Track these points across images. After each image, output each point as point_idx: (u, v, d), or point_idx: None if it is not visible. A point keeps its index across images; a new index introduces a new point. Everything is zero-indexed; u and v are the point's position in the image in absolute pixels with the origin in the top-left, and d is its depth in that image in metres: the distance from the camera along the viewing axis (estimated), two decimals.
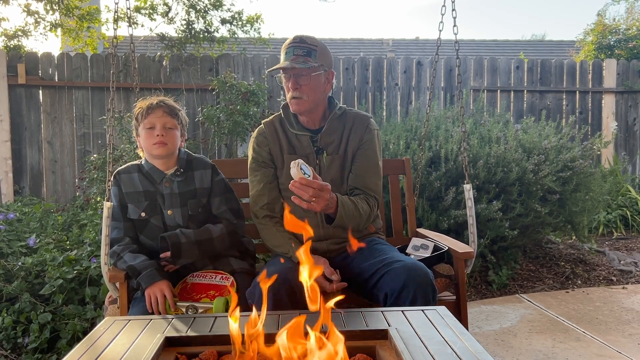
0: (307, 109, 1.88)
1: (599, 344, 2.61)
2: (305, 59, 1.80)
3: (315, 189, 1.59)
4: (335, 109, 1.94)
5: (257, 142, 1.97)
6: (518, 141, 3.78)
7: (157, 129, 1.85)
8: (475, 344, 1.19)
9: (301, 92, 1.84)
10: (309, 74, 1.82)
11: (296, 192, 1.60)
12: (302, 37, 1.85)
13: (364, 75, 5.75)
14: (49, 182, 5.34)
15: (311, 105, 1.87)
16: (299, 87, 1.83)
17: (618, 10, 32.12)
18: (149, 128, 1.86)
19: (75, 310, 2.58)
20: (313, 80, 1.84)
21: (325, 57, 1.87)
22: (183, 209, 1.90)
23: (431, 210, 3.45)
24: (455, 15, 2.33)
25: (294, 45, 1.83)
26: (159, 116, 1.86)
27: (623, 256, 4.19)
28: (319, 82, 1.86)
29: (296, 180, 1.59)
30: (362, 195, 1.89)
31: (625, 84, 6.08)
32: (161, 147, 1.86)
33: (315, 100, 1.87)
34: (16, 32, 5.53)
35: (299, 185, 1.58)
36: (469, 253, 1.96)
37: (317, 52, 1.83)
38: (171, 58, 5.40)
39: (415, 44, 12.62)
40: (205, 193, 1.94)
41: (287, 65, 1.79)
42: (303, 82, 1.83)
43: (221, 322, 1.38)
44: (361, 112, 2.00)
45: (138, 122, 1.90)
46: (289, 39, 1.87)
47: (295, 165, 1.60)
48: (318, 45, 1.84)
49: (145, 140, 1.88)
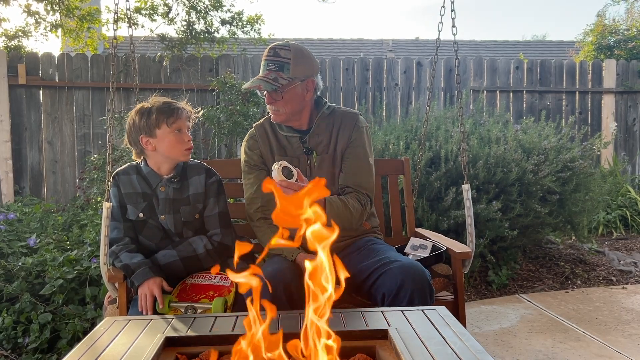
0: (285, 120, 1.91)
1: (599, 344, 2.61)
2: (277, 74, 1.81)
3: (295, 191, 1.60)
4: (323, 109, 1.94)
5: (248, 146, 1.99)
6: (518, 141, 3.78)
7: (184, 133, 1.84)
8: (475, 344, 1.19)
9: (277, 105, 1.86)
10: (280, 92, 1.83)
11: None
12: (277, 49, 1.84)
13: (364, 75, 5.76)
14: (49, 182, 5.34)
15: (288, 115, 1.89)
16: (273, 102, 1.86)
17: (618, 10, 32.13)
18: (177, 131, 1.83)
19: (75, 311, 2.59)
20: (286, 94, 1.84)
21: (301, 68, 1.85)
22: (176, 216, 1.88)
23: (431, 210, 3.45)
24: (454, 16, 2.34)
25: (267, 59, 1.84)
26: (185, 120, 1.85)
27: (623, 256, 4.19)
28: (295, 94, 1.86)
29: (276, 182, 1.60)
30: (354, 194, 1.89)
31: (625, 84, 6.08)
32: (189, 153, 1.87)
33: (292, 110, 1.88)
34: (17, 32, 5.53)
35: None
36: (466, 253, 1.96)
37: (290, 65, 1.82)
38: (171, 58, 5.40)
39: (415, 45, 12.63)
40: (200, 198, 1.92)
41: (253, 85, 1.81)
42: (276, 97, 1.84)
43: (221, 322, 1.38)
44: (350, 110, 2.00)
45: (158, 124, 1.81)
46: (267, 47, 1.88)
47: (276, 167, 1.62)
48: (292, 57, 1.83)
49: (173, 144, 1.83)
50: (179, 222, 1.89)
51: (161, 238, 1.91)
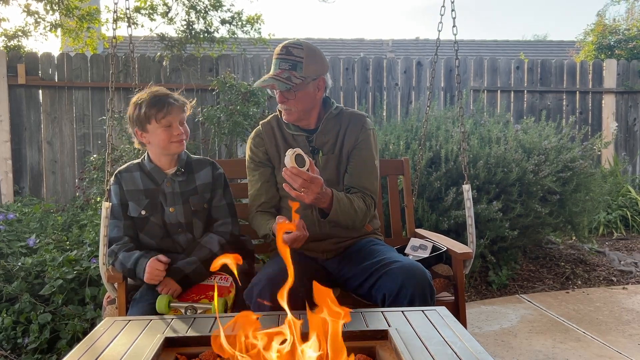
0: (297, 118, 1.90)
1: (599, 345, 2.61)
2: (290, 73, 1.80)
3: (304, 180, 1.61)
4: (331, 109, 1.94)
5: (254, 143, 1.99)
6: (518, 141, 3.78)
7: (175, 128, 1.84)
8: (475, 344, 1.19)
9: (289, 105, 1.86)
10: (293, 91, 1.83)
11: (287, 179, 1.63)
12: (289, 47, 1.83)
13: (364, 75, 5.76)
14: (49, 182, 5.34)
15: (300, 114, 1.89)
16: (285, 101, 1.85)
17: (618, 10, 32.11)
18: (167, 127, 1.83)
19: (75, 311, 2.58)
20: (299, 93, 1.84)
21: (313, 67, 1.84)
22: (185, 206, 1.90)
23: (431, 210, 3.45)
24: (454, 16, 2.33)
25: (280, 57, 1.83)
26: (176, 114, 1.84)
27: (623, 256, 4.19)
28: (307, 93, 1.86)
29: (287, 168, 1.61)
30: (360, 194, 1.89)
31: (626, 84, 6.08)
32: (181, 144, 1.87)
33: (304, 109, 1.88)
34: (16, 32, 5.53)
35: (289, 173, 1.61)
36: (467, 254, 1.96)
37: (302, 64, 1.81)
38: (171, 58, 5.40)
39: (415, 45, 12.62)
40: (208, 188, 1.95)
41: (266, 84, 1.81)
42: (289, 96, 1.84)
43: (221, 323, 1.38)
44: (357, 112, 2.00)
45: (147, 119, 1.83)
46: (281, 44, 1.86)
47: (290, 154, 1.62)
48: (305, 56, 1.82)
49: (161, 138, 1.84)
50: (189, 212, 1.91)
51: (162, 236, 1.91)
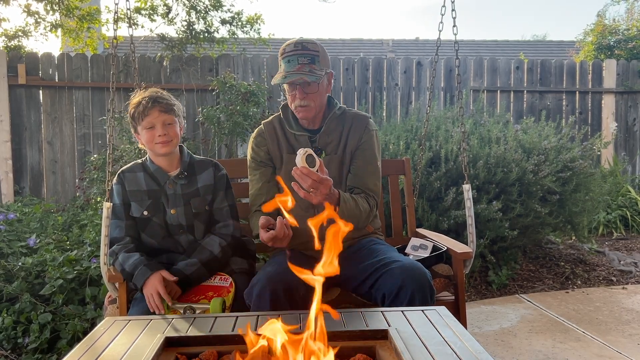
0: (314, 115, 1.91)
1: (599, 344, 2.61)
2: (310, 67, 1.81)
3: (314, 180, 1.60)
4: (334, 109, 1.95)
5: (256, 143, 1.99)
6: (518, 141, 3.78)
7: (157, 129, 1.84)
8: (475, 344, 1.19)
9: (308, 100, 1.85)
10: (316, 83, 1.83)
11: (296, 178, 1.62)
12: (304, 43, 1.84)
13: (364, 75, 5.76)
14: (49, 182, 5.34)
15: (317, 110, 1.90)
16: (305, 97, 1.85)
17: (618, 10, 32.12)
18: (149, 128, 1.85)
19: (75, 311, 2.59)
20: (320, 87, 1.86)
21: (325, 60, 1.88)
22: (186, 208, 1.91)
23: (431, 210, 3.45)
24: (455, 16, 2.34)
25: (296, 52, 1.82)
26: (157, 116, 1.84)
27: (623, 256, 4.19)
28: (323, 87, 1.89)
29: (298, 168, 1.61)
30: (363, 195, 1.90)
31: (625, 84, 6.08)
32: (165, 146, 1.86)
33: (321, 104, 1.90)
34: (16, 32, 5.53)
35: (299, 173, 1.60)
36: (467, 253, 1.96)
37: (319, 57, 1.84)
38: (171, 58, 5.40)
39: (415, 45, 12.62)
40: (210, 189, 1.95)
41: (295, 79, 1.79)
42: (310, 90, 1.84)
43: (221, 323, 1.38)
44: (360, 113, 2.00)
45: (135, 122, 1.88)
46: (288, 43, 1.86)
47: (301, 153, 1.62)
48: (319, 50, 1.86)
49: (147, 140, 1.87)
50: (190, 214, 1.91)
51: (163, 236, 1.92)
